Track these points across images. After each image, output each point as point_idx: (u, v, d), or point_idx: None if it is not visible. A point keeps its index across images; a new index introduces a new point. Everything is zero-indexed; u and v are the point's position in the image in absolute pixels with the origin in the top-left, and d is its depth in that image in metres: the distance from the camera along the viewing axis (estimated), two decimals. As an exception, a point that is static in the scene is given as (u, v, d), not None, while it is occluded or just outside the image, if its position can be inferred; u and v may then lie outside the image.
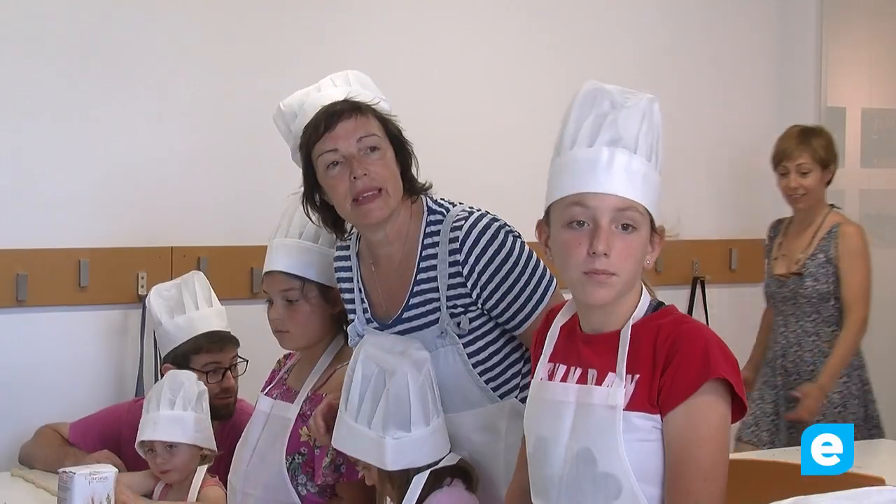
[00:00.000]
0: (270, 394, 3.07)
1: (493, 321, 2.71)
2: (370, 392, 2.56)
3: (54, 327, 4.28)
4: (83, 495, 3.04)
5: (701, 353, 2.06)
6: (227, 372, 3.80)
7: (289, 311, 2.96)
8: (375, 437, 2.54)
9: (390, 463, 2.54)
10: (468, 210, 2.73)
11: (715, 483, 2.05)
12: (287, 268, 2.95)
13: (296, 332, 2.98)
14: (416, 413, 2.55)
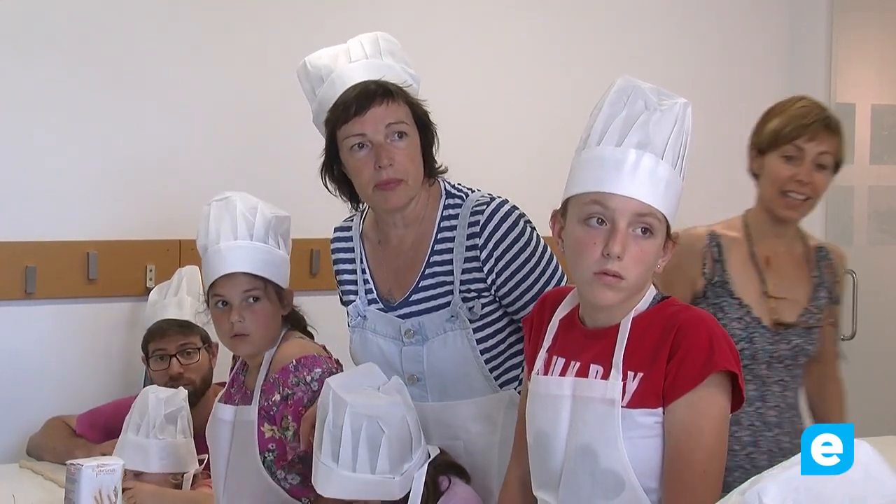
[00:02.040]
0: (231, 399, 3.02)
1: (503, 309, 2.73)
2: (364, 442, 2.47)
3: (63, 320, 4.29)
4: (91, 487, 3.05)
5: (706, 345, 2.06)
6: (172, 359, 3.83)
7: (250, 313, 2.89)
8: (382, 479, 2.47)
9: (399, 493, 2.51)
10: (488, 196, 2.77)
11: (712, 475, 2.05)
12: (249, 268, 2.88)
13: (256, 336, 2.89)
14: (415, 440, 2.52)
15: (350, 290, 2.89)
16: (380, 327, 2.81)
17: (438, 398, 2.73)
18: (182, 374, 3.83)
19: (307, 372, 2.85)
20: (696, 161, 2.24)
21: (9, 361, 4.20)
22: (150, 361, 3.91)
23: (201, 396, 3.82)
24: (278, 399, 2.86)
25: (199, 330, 3.92)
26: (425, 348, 2.74)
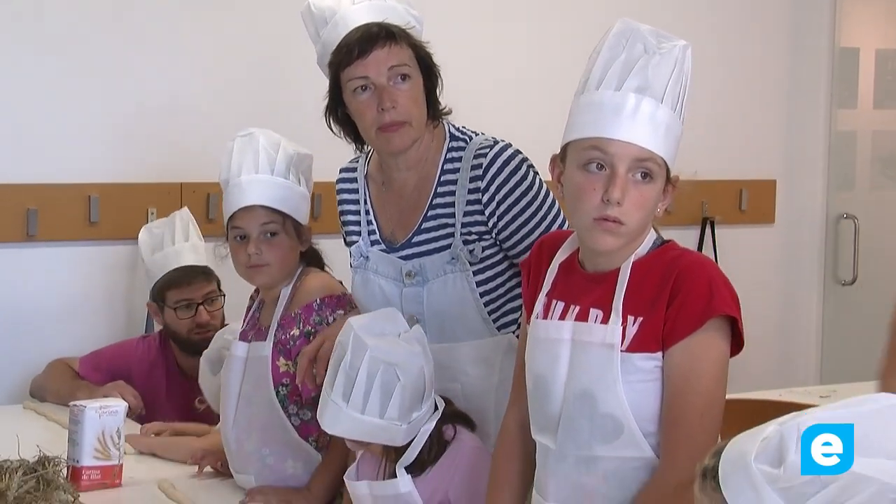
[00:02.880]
0: (245, 337, 3.04)
1: (504, 253, 2.74)
2: (378, 388, 2.46)
3: (65, 262, 4.30)
4: (94, 429, 3.07)
5: (705, 290, 2.07)
6: (200, 307, 3.83)
7: (267, 246, 2.92)
8: (388, 424, 2.47)
9: (402, 441, 2.51)
10: (492, 139, 2.78)
11: (710, 419, 2.06)
12: (268, 201, 2.92)
13: (275, 266, 2.92)
14: (428, 391, 2.51)
15: (353, 231, 2.91)
16: (381, 268, 2.83)
17: (437, 340, 2.74)
18: (209, 322, 3.84)
19: (330, 312, 2.90)
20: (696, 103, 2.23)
21: (11, 303, 4.22)
22: (175, 311, 3.86)
23: None
24: (297, 334, 2.89)
25: (214, 273, 3.92)
26: (425, 290, 2.75)
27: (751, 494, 1.62)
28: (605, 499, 2.12)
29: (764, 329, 5.43)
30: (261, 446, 2.96)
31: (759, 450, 1.62)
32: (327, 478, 2.93)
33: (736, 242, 5.53)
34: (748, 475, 1.62)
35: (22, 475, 2.73)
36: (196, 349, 3.85)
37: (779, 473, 1.59)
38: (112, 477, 3.09)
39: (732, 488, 1.65)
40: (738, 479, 1.64)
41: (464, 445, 2.53)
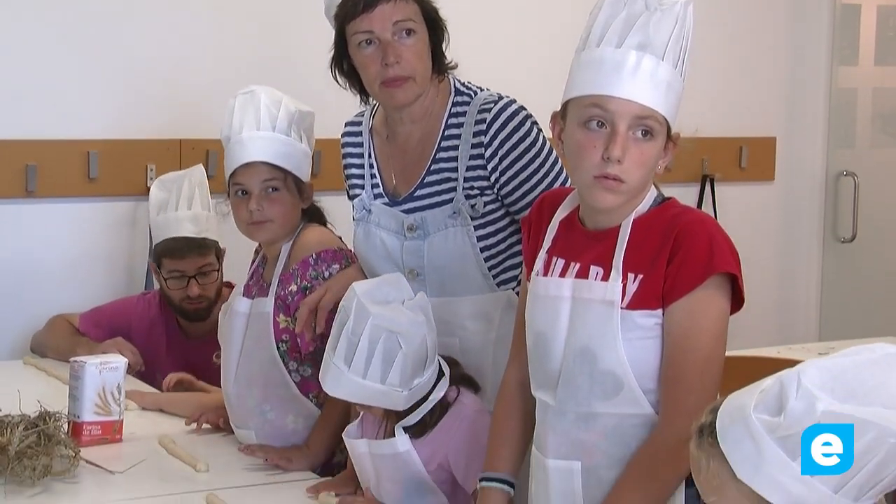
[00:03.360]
0: (248, 292, 3.06)
1: (505, 208, 2.74)
2: (380, 355, 2.46)
3: (64, 218, 4.30)
4: (94, 384, 3.08)
5: (706, 247, 2.07)
6: (191, 280, 3.82)
7: (269, 202, 2.93)
8: (389, 390, 2.47)
9: (404, 406, 2.51)
10: (497, 95, 2.78)
11: (710, 376, 2.07)
12: (270, 158, 2.92)
13: (277, 222, 2.94)
14: (430, 359, 2.51)
15: (357, 185, 2.92)
16: (383, 221, 2.84)
17: (437, 294, 2.75)
18: (201, 295, 3.84)
19: (325, 267, 2.91)
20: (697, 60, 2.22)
21: (11, 259, 4.22)
22: (167, 280, 3.87)
23: (213, 307, 3.84)
24: (295, 290, 2.91)
25: (213, 244, 3.90)
26: (426, 243, 2.76)
27: (749, 446, 1.63)
28: (604, 455, 2.13)
29: (763, 286, 5.44)
30: (261, 402, 2.98)
31: (758, 400, 1.64)
32: (325, 434, 2.95)
33: (736, 200, 5.52)
34: (747, 426, 1.64)
35: (23, 430, 2.74)
36: (188, 317, 3.87)
37: (779, 421, 1.61)
38: (112, 432, 3.10)
39: (731, 441, 1.66)
40: (737, 431, 1.65)
41: (465, 409, 2.53)
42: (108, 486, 2.81)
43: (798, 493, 1.62)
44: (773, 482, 1.63)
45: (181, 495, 2.77)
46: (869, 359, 1.64)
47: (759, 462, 1.63)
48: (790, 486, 1.63)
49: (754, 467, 1.64)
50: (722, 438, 1.68)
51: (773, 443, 1.62)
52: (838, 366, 1.63)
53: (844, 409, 1.59)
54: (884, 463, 1.59)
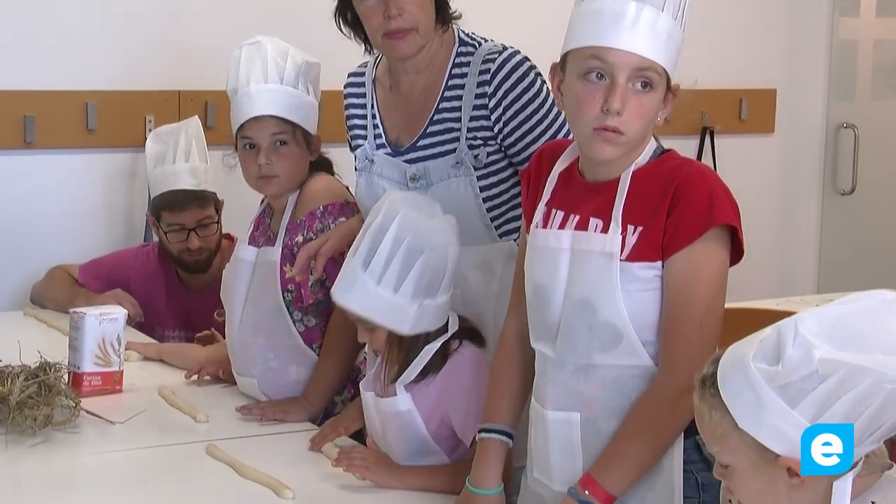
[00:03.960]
0: (256, 241, 3.07)
1: (508, 159, 2.74)
2: (400, 258, 2.43)
3: (63, 169, 4.30)
4: (94, 335, 3.09)
5: (706, 199, 2.06)
6: (191, 233, 3.81)
7: (277, 156, 2.94)
8: (400, 303, 2.44)
9: (409, 329, 2.48)
10: (501, 46, 2.77)
11: (709, 327, 2.07)
12: (278, 111, 2.93)
13: (284, 177, 2.95)
14: (447, 281, 2.49)
15: (359, 135, 2.91)
16: (386, 171, 2.83)
17: (439, 244, 2.75)
18: (201, 247, 3.83)
19: (332, 220, 2.93)
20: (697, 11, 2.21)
21: (10, 210, 4.22)
22: (167, 233, 3.86)
23: (212, 259, 3.84)
24: (301, 241, 2.93)
25: (212, 196, 3.89)
26: (429, 193, 2.75)
27: (749, 395, 1.65)
28: (603, 407, 2.14)
29: (763, 239, 5.44)
30: (265, 350, 3.00)
31: (756, 350, 1.65)
32: (323, 386, 2.97)
33: (735, 152, 5.52)
34: (746, 376, 1.65)
35: (24, 380, 2.75)
36: (187, 269, 3.87)
37: (777, 370, 1.62)
38: (113, 383, 3.12)
39: (731, 391, 1.67)
40: (737, 380, 1.67)
41: (464, 359, 2.53)
42: (108, 437, 2.82)
43: (799, 441, 1.64)
44: (774, 430, 1.65)
45: (181, 446, 2.78)
46: (867, 306, 1.65)
47: (759, 411, 1.65)
48: (791, 434, 1.64)
49: (755, 416, 1.65)
50: (723, 389, 1.69)
51: (773, 391, 1.64)
52: (836, 313, 1.65)
53: (842, 357, 1.60)
54: (882, 409, 1.61)
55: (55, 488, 2.56)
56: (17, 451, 2.69)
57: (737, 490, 1.75)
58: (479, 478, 2.31)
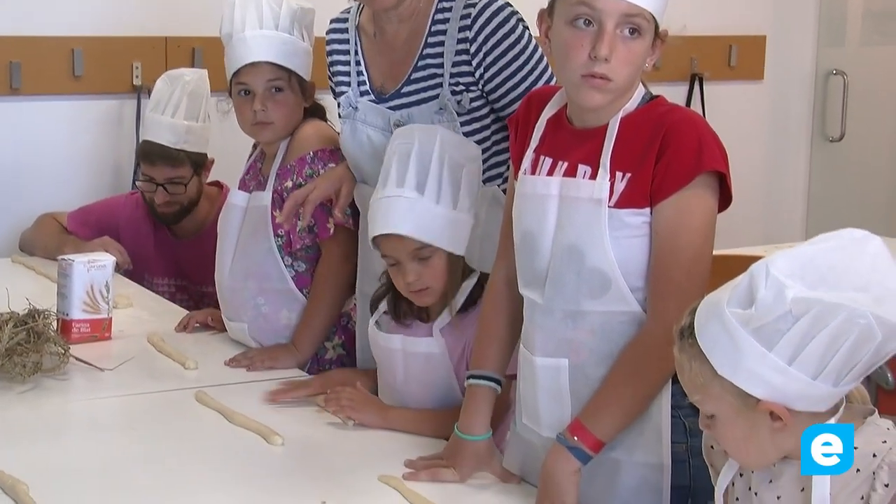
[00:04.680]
0: (247, 186, 3.08)
1: (490, 105, 2.74)
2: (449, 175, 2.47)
3: (50, 116, 4.28)
4: (82, 282, 3.09)
5: (695, 145, 2.06)
6: (159, 188, 3.76)
7: (273, 102, 2.95)
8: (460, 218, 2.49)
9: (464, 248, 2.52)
10: None
11: (697, 275, 2.07)
12: (274, 58, 2.94)
13: (279, 124, 2.97)
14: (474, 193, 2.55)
15: (343, 82, 2.91)
16: (370, 118, 2.83)
17: (422, 192, 2.75)
18: (167, 203, 3.78)
19: (322, 165, 2.94)
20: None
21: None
22: (141, 181, 3.84)
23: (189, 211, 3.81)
24: (291, 186, 2.94)
25: (190, 157, 3.78)
26: None
27: (725, 340, 1.66)
28: (591, 353, 2.14)
29: (751, 185, 5.45)
30: (256, 295, 3.00)
31: (730, 295, 1.66)
32: (311, 331, 2.98)
33: (724, 99, 5.51)
34: (722, 321, 1.66)
35: (13, 327, 2.76)
36: (159, 219, 3.84)
37: (751, 313, 1.63)
38: (101, 330, 3.12)
39: (708, 338, 1.68)
40: (713, 327, 1.67)
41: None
42: (97, 383, 2.83)
43: (778, 384, 1.65)
44: (752, 375, 1.66)
45: (170, 392, 2.79)
46: (837, 244, 1.66)
47: (737, 356, 1.66)
48: (769, 378, 1.65)
49: (733, 362, 1.66)
50: (700, 337, 1.70)
51: (749, 335, 1.65)
52: (806, 253, 1.65)
53: (814, 295, 1.61)
54: (857, 345, 1.62)
55: (45, 435, 2.56)
56: (6, 397, 2.69)
57: (721, 438, 1.76)
58: (467, 424, 2.32)
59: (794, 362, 1.64)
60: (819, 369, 1.64)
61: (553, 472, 2.11)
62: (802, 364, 1.64)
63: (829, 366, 1.64)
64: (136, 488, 2.26)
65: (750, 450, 1.74)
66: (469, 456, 2.31)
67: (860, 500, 1.67)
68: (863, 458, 1.68)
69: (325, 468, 2.40)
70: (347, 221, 2.90)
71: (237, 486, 2.31)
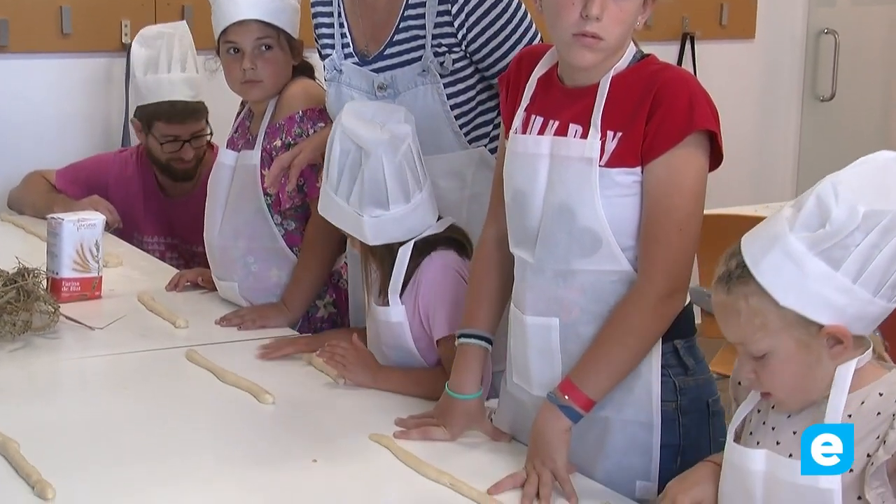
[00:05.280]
0: (235, 145, 3.07)
1: (474, 66, 2.73)
2: (347, 168, 2.50)
3: (38, 74, 4.26)
4: (72, 241, 3.08)
5: (686, 104, 2.06)
6: (186, 144, 3.78)
7: (262, 60, 2.94)
8: (353, 213, 2.51)
9: (370, 238, 2.53)
10: None
11: (688, 234, 2.08)
12: (262, 16, 2.92)
13: (268, 82, 2.95)
14: (393, 193, 2.50)
15: (328, 45, 2.89)
16: (354, 81, 2.82)
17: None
18: (193, 157, 3.79)
19: (311, 125, 2.93)
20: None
21: (-16, 115, 4.19)
22: (161, 144, 3.79)
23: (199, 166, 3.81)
24: (279, 145, 2.93)
25: (206, 108, 3.83)
26: (396, 102, 2.74)
27: (790, 268, 1.70)
28: (582, 311, 2.14)
29: (742, 144, 5.45)
30: (246, 254, 3.00)
31: (793, 220, 1.72)
32: (301, 289, 2.97)
33: (716, 58, 5.50)
34: (786, 250, 1.70)
35: (2, 286, 2.75)
36: (176, 177, 3.84)
37: (822, 234, 1.69)
38: (91, 289, 3.12)
39: (768, 271, 1.71)
40: (774, 258, 1.71)
41: (432, 265, 2.53)
42: (88, 342, 2.83)
43: (841, 304, 1.70)
44: (818, 299, 1.70)
45: (161, 351, 2.79)
46: (877, 164, 1.73)
47: (801, 282, 1.70)
48: (835, 300, 1.70)
49: (798, 289, 1.70)
50: (758, 272, 1.72)
51: (816, 257, 1.69)
52: (859, 173, 1.72)
53: (883, 206, 1.67)
54: None
55: (35, 393, 2.57)
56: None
57: (774, 378, 1.77)
58: (458, 382, 2.33)
59: (858, 280, 1.69)
60: (880, 285, 1.70)
61: (543, 431, 2.12)
62: (866, 281, 1.69)
63: (889, 281, 1.70)
64: (127, 446, 2.26)
65: (802, 385, 1.77)
66: (460, 414, 2.31)
67: (876, 439, 1.70)
68: (884, 403, 1.72)
69: (316, 427, 2.41)
70: None
71: (227, 445, 2.32)
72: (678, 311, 2.11)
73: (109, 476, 2.12)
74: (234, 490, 2.10)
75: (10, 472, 2.09)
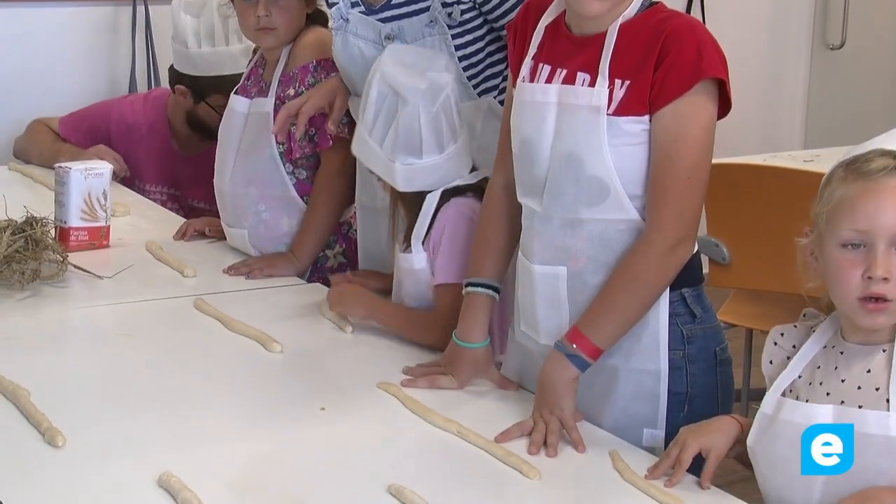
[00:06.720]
0: (248, 93, 3.05)
1: (483, 16, 2.71)
2: (384, 113, 2.50)
3: (45, 22, 4.24)
4: (80, 190, 3.08)
5: (694, 52, 2.05)
6: None
7: (276, 7, 2.92)
8: (385, 158, 2.51)
9: (401, 185, 2.53)
10: None
11: (696, 182, 2.07)
12: None
13: (282, 30, 2.94)
14: (427, 143, 2.50)
15: None
16: (361, 30, 2.80)
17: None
18: None
19: (325, 75, 2.92)
20: None
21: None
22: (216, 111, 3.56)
23: None
24: (292, 94, 2.93)
25: None
26: None
27: None
28: (589, 260, 2.14)
29: (750, 93, 5.42)
30: (257, 201, 3.00)
31: None
32: (309, 239, 2.97)
33: (724, 6, 5.46)
34: None
35: (10, 235, 2.75)
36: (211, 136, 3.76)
37: None
38: (99, 238, 3.12)
39: None
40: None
41: (447, 213, 2.53)
42: (96, 291, 2.84)
43: None
44: None
45: (169, 300, 2.80)
46: None
47: None
48: None
49: None
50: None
51: None
52: None
53: None
54: None
55: (44, 342, 2.57)
56: (5, 305, 2.70)
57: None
58: (465, 331, 2.33)
59: None
60: None
61: (551, 379, 2.12)
62: None
63: None
64: (135, 395, 2.27)
65: None
66: (467, 363, 2.32)
67: None
68: None
69: (324, 375, 2.42)
70: (343, 131, 2.89)
71: (236, 393, 2.33)
72: (686, 259, 2.11)
73: (118, 424, 2.13)
74: (242, 438, 2.11)
75: (21, 419, 2.11)
